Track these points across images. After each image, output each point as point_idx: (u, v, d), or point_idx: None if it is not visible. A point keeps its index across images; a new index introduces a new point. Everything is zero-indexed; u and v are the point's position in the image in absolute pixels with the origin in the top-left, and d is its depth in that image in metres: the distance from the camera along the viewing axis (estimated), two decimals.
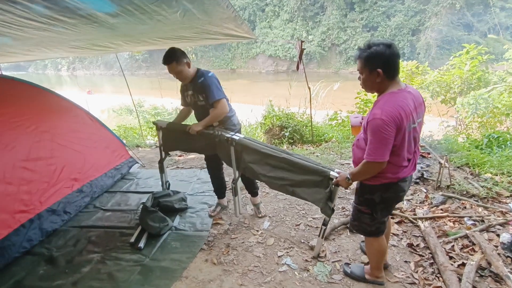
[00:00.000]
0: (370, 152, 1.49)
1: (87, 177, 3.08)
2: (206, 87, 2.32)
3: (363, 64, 1.50)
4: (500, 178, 3.24)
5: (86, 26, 2.38)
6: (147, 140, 5.53)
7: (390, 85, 1.49)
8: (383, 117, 1.40)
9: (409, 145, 1.55)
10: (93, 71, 44.90)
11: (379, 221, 1.76)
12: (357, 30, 32.80)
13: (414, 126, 1.52)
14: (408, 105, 1.45)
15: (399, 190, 1.66)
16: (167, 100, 11.97)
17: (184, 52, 2.40)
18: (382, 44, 1.43)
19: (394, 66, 1.47)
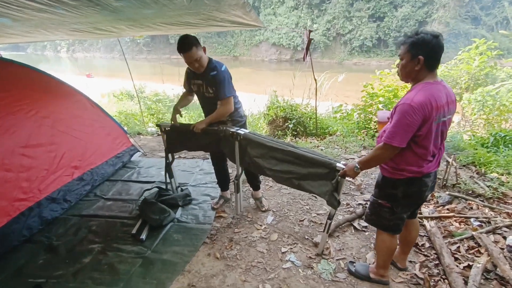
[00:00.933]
0: (389, 134, 1.47)
1: (88, 165, 3.02)
2: (218, 82, 2.25)
3: (406, 49, 1.47)
4: (507, 178, 3.19)
5: (88, 8, 2.26)
6: (148, 128, 5.45)
7: (427, 76, 1.47)
8: (413, 104, 1.39)
9: (436, 138, 1.53)
10: (93, 53, 44.30)
11: (399, 216, 1.72)
12: (363, 20, 32.14)
13: (444, 120, 1.51)
14: (442, 97, 1.44)
15: (423, 185, 1.63)
16: (168, 86, 11.82)
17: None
18: (430, 34, 1.42)
19: (436, 57, 1.45)
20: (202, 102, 2.54)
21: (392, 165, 1.60)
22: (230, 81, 2.32)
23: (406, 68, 1.49)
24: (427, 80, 1.47)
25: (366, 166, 1.65)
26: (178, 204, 2.77)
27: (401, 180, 1.60)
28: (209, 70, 2.29)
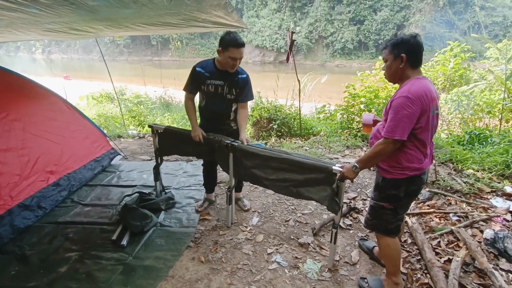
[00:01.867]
0: (388, 128, 1.47)
1: (64, 170, 2.89)
2: (246, 84, 2.34)
3: (389, 51, 1.55)
4: (482, 174, 3.32)
5: (63, 8, 2.17)
6: (129, 130, 5.30)
7: (413, 73, 1.53)
8: (409, 95, 1.41)
9: (430, 132, 1.56)
10: (70, 55, 42.82)
11: (400, 217, 1.72)
12: (344, 23, 32.90)
13: (436, 113, 1.56)
14: (432, 91, 1.50)
15: (421, 183, 1.65)
16: (150, 88, 11.58)
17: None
18: (408, 34, 1.52)
19: (418, 55, 1.52)
20: (216, 103, 2.39)
21: (393, 164, 1.59)
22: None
23: (392, 68, 1.56)
24: (415, 76, 1.52)
25: (366, 164, 1.63)
26: (160, 208, 2.69)
27: (402, 179, 1.59)
28: (236, 73, 2.31)
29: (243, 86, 2.33)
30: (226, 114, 2.45)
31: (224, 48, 2.17)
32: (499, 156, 3.50)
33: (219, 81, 2.30)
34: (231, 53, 2.15)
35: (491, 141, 4.01)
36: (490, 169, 3.39)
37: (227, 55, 2.17)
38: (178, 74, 16.77)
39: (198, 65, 2.34)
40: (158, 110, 8.76)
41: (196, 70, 2.32)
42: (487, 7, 32.18)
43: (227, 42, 2.15)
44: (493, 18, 31.43)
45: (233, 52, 2.14)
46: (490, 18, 31.77)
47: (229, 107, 2.41)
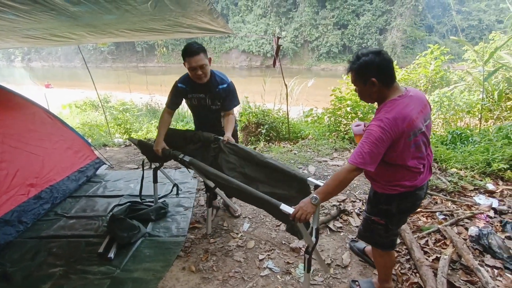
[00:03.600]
0: (355, 155, 1.36)
1: (46, 182, 2.79)
2: (230, 93, 2.29)
3: (355, 77, 1.43)
4: (465, 173, 3.42)
5: (42, 14, 2.11)
6: (115, 139, 5.19)
7: (389, 92, 1.41)
8: (382, 125, 1.33)
9: (419, 150, 1.45)
10: (52, 62, 41.80)
11: (394, 232, 1.64)
12: (328, 28, 33.59)
13: (423, 130, 1.43)
14: (411, 111, 1.37)
15: (417, 199, 1.57)
16: (136, 95, 11.42)
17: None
18: (371, 53, 1.37)
19: (389, 73, 1.39)
20: (203, 115, 2.41)
21: (385, 179, 1.52)
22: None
23: (365, 93, 1.46)
24: (392, 97, 1.41)
25: (328, 195, 1.44)
26: (151, 218, 2.63)
27: (394, 195, 1.52)
28: (215, 83, 2.24)
29: (225, 96, 2.27)
30: (217, 122, 2.44)
31: (184, 60, 2.14)
32: (480, 155, 3.61)
33: (200, 94, 2.28)
34: (188, 63, 2.09)
35: (472, 140, 4.14)
36: (472, 168, 3.49)
37: (187, 67, 2.13)
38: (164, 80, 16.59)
39: (179, 81, 2.31)
40: (145, 117, 8.63)
41: (178, 86, 2.30)
42: (463, 11, 33.55)
43: (183, 54, 2.11)
44: (469, 21, 32.80)
45: (189, 62, 2.08)
46: (466, 22, 33.14)
47: (217, 116, 2.40)
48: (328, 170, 3.67)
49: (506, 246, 2.16)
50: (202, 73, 2.12)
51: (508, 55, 6.07)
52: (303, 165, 3.80)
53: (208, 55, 2.25)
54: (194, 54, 2.06)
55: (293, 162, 3.88)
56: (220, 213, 2.83)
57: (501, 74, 6.01)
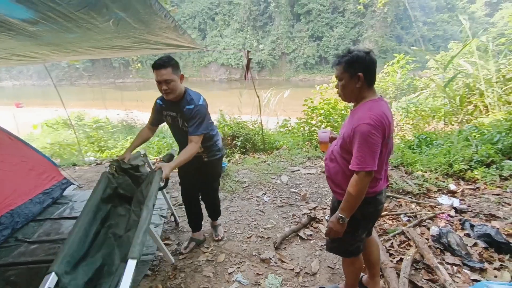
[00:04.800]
0: (357, 161, 1.37)
1: (6, 206, 2.65)
2: (194, 116, 2.02)
3: (343, 69, 1.43)
4: (429, 175, 3.58)
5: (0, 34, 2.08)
6: (86, 158, 5.04)
7: (369, 93, 1.45)
8: (371, 122, 1.34)
9: (386, 157, 1.50)
10: (23, 81, 40.31)
11: (360, 238, 1.66)
12: (304, 40, 34.69)
13: (392, 136, 1.50)
14: (389, 115, 1.43)
15: (378, 204, 1.60)
16: (113, 111, 11.18)
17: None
18: (362, 50, 1.42)
19: (373, 72, 1.44)
20: (178, 135, 2.28)
21: (346, 188, 1.48)
22: (207, 115, 2.11)
23: (348, 88, 1.45)
24: (371, 98, 1.44)
25: (352, 209, 1.46)
26: None
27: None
28: (184, 103, 2.06)
29: (189, 118, 2.04)
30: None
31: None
32: (443, 157, 3.80)
33: (172, 112, 2.16)
34: (155, 76, 1.99)
35: (436, 144, 4.36)
36: (436, 170, 3.67)
37: (155, 80, 2.03)
38: (141, 95, 16.31)
39: (159, 98, 2.23)
40: (120, 134, 8.45)
41: (156, 102, 2.24)
42: (428, 22, 35.75)
43: (152, 66, 2.03)
44: (435, 32, 34.94)
45: (155, 75, 1.98)
46: (432, 32, 35.27)
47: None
48: (300, 179, 3.73)
49: (464, 244, 2.27)
50: (167, 88, 1.98)
51: (466, 62, 6.51)
52: (276, 175, 3.85)
53: (188, 69, 2.22)
54: (159, 67, 1.95)
55: (266, 172, 3.92)
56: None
57: (462, 80, 6.42)
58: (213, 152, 2.27)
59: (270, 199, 3.29)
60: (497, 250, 2.25)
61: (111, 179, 2.14)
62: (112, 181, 2.14)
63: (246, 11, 35.32)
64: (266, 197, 3.32)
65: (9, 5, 1.53)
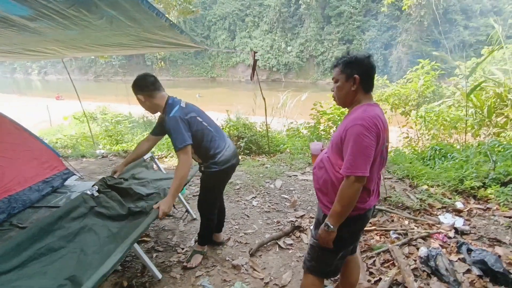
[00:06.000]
0: (347, 164, 1.27)
1: (4, 192, 2.82)
2: (168, 131, 1.93)
3: (340, 70, 1.39)
4: (435, 190, 3.30)
5: (5, 30, 2.21)
6: (97, 150, 5.27)
7: (365, 99, 1.39)
8: (364, 123, 1.26)
9: (379, 166, 1.39)
10: (66, 76, 43.34)
11: (342, 256, 1.53)
12: (333, 43, 33.93)
13: (386, 145, 1.41)
14: (384, 120, 1.36)
15: (366, 221, 1.50)
16: (135, 107, 11.65)
17: (154, 81, 2.01)
18: (362, 53, 1.37)
19: (371, 78, 1.39)
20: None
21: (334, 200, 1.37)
22: (182, 124, 1.88)
23: (343, 90, 1.39)
24: (367, 102, 1.38)
25: (340, 217, 1.34)
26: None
27: (346, 219, 1.36)
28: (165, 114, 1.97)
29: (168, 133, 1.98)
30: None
31: None
32: (454, 172, 3.49)
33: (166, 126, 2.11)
34: None
35: (450, 157, 4.03)
36: (444, 185, 3.37)
37: None
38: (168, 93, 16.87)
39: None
40: (139, 129, 8.78)
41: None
42: (470, 26, 33.42)
43: None
44: (477, 37, 32.54)
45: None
46: (474, 37, 32.91)
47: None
48: (295, 185, 3.60)
49: (453, 269, 2.04)
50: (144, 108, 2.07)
51: (498, 70, 5.97)
52: (271, 179, 3.75)
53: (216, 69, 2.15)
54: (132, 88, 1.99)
55: (262, 176, 3.83)
56: (172, 226, 2.80)
57: (492, 89, 5.89)
58: (207, 164, 2.08)
59: (259, 203, 3.21)
60: (493, 280, 2.00)
61: (87, 199, 2.17)
62: (88, 201, 2.17)
63: (276, 13, 35.24)
64: (255, 201, 3.24)
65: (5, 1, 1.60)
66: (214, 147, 2.06)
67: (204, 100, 21.66)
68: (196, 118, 2.00)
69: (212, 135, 2.07)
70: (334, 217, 1.34)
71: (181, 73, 39.86)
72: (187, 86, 33.43)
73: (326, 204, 1.44)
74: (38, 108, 14.66)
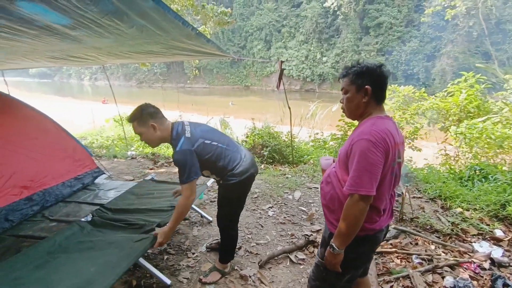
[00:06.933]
0: (351, 181, 1.19)
1: (40, 186, 3.07)
2: (176, 166, 1.86)
3: (350, 81, 1.32)
4: (471, 214, 2.99)
5: (50, 37, 2.43)
6: (129, 152, 5.57)
7: (376, 111, 1.31)
8: (371, 138, 1.18)
9: (390, 184, 1.30)
10: (112, 81, 46.93)
11: (350, 279, 1.43)
12: (371, 54, 32.90)
13: (399, 161, 1.31)
14: (396, 135, 1.26)
15: (376, 242, 1.40)
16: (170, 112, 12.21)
17: (156, 111, 1.95)
18: (374, 63, 1.31)
19: (383, 88, 1.31)
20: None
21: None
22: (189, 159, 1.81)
23: (353, 102, 1.32)
24: (377, 115, 1.30)
25: (346, 237, 1.26)
26: None
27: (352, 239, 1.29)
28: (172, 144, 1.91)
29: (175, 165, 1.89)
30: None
31: None
32: (495, 195, 3.14)
33: None
34: None
35: (492, 178, 3.63)
36: (483, 209, 3.04)
37: None
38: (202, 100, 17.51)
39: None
40: None
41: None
42: None
43: None
44: None
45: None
46: None
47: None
48: (314, 198, 3.48)
49: None
50: (143, 140, 1.97)
51: None
52: (290, 190, 3.66)
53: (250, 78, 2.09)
54: (129, 121, 1.96)
55: (281, 186, 3.76)
56: (186, 230, 2.83)
57: None
58: (224, 176, 2.00)
59: (275, 213, 3.14)
60: None
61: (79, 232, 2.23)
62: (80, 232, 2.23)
63: (312, 24, 35.17)
64: (271, 211, 3.18)
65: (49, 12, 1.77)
66: (231, 162, 1.99)
67: (236, 108, 22.11)
68: (204, 143, 1.91)
69: (225, 152, 1.99)
70: (340, 238, 1.26)
71: (217, 81, 41.16)
72: (221, 94, 34.40)
73: (333, 221, 1.37)
74: (86, 110, 16.00)
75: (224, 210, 2.14)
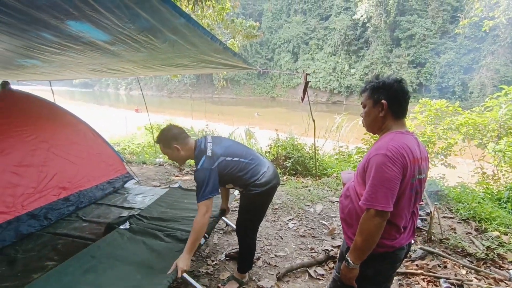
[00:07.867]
0: (367, 196, 1.19)
1: (76, 187, 3.31)
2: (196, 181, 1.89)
3: (368, 95, 1.35)
4: (509, 239, 2.77)
5: (93, 52, 2.68)
6: (157, 158, 5.82)
7: (395, 125, 1.31)
8: (388, 153, 1.18)
9: (409, 201, 1.28)
10: (146, 91, 49.44)
11: None
12: (402, 66, 31.91)
13: (420, 178, 1.29)
14: (416, 150, 1.25)
15: (396, 261, 1.37)
16: (197, 122, 12.63)
17: (179, 132, 2.03)
18: (392, 78, 1.32)
19: (401, 104, 1.30)
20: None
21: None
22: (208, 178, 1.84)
23: (370, 116, 1.35)
24: (397, 129, 1.30)
25: (361, 252, 1.25)
26: None
27: (370, 254, 1.27)
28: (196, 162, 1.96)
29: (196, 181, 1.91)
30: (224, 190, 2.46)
31: None
32: None
33: None
34: None
35: None
36: None
37: None
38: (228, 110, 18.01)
39: None
40: None
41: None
42: None
43: None
44: None
45: None
46: None
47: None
48: (336, 212, 3.40)
49: None
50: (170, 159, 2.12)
51: None
52: (311, 203, 3.62)
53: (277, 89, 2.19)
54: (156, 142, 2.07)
55: (303, 198, 3.73)
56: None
57: None
58: (247, 188, 2.03)
59: (295, 226, 3.11)
60: None
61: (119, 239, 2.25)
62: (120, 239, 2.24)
63: (341, 36, 34.94)
64: (291, 223, 3.16)
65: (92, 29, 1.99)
66: (253, 176, 2.01)
67: (261, 119, 22.31)
68: (225, 160, 1.95)
69: (248, 167, 2.02)
70: (355, 252, 1.27)
71: (244, 92, 41.94)
72: (247, 104, 34.93)
73: (350, 235, 1.37)
74: (120, 118, 17.03)
75: (244, 218, 2.17)
